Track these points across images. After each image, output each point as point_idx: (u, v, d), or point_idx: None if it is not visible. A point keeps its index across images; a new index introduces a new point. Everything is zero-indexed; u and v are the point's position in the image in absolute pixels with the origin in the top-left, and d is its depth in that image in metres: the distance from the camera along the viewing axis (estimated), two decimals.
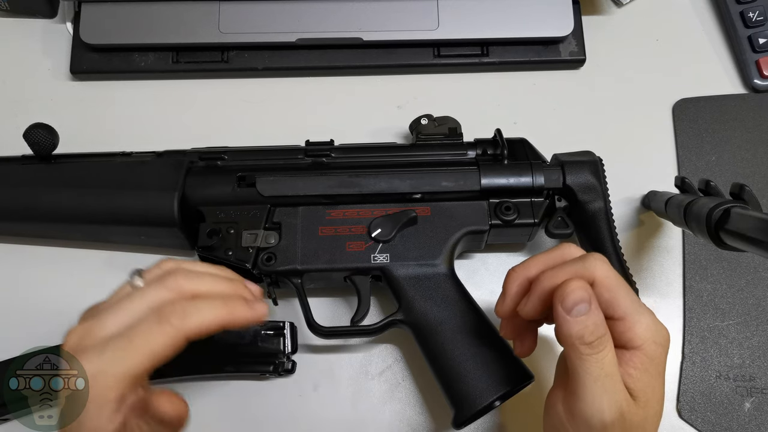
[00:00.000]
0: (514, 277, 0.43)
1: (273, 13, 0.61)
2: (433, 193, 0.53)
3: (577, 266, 0.40)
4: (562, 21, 0.62)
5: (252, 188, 0.53)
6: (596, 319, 0.38)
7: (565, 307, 0.38)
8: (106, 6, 0.61)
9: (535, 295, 0.41)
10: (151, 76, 0.63)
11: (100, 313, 0.37)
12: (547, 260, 0.42)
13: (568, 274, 0.39)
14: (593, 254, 0.40)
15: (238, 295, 0.40)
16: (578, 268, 0.40)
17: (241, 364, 0.52)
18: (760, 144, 0.61)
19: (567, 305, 0.38)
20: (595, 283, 0.39)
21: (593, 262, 0.40)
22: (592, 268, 0.39)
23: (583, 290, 0.38)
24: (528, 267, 0.42)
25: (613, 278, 0.40)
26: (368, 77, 0.64)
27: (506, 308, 0.43)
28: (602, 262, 0.40)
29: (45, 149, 0.53)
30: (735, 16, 0.63)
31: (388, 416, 0.54)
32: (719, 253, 0.56)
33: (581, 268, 0.40)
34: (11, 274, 0.58)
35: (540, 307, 0.41)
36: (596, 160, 0.54)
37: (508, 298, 0.43)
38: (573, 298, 0.38)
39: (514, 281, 0.43)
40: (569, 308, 0.38)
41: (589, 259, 0.40)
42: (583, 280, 0.39)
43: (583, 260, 0.40)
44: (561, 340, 0.39)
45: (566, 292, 0.38)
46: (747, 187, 0.43)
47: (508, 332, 0.45)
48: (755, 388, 0.54)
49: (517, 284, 0.42)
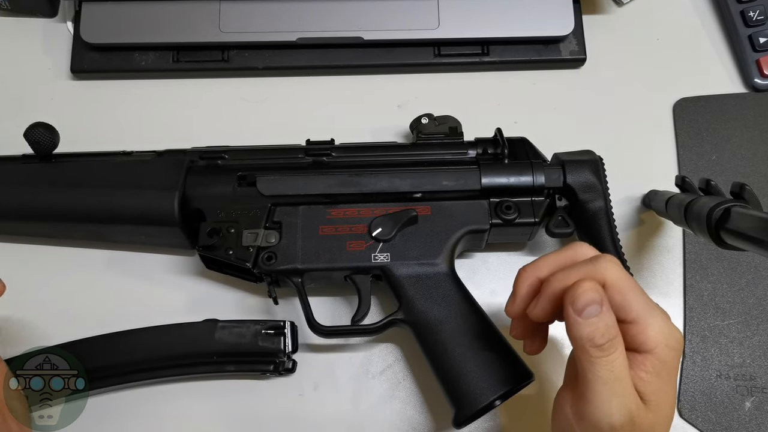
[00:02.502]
0: (524, 277, 0.42)
1: (273, 12, 0.61)
2: (434, 192, 0.53)
3: (588, 268, 0.39)
4: (563, 20, 0.62)
5: (252, 187, 0.53)
6: (607, 321, 0.38)
7: (576, 308, 0.38)
8: (106, 5, 0.61)
9: (545, 297, 0.40)
10: (152, 75, 0.63)
11: None
12: (558, 260, 0.42)
13: (578, 276, 0.39)
14: (605, 255, 0.40)
15: None
16: (589, 270, 0.39)
17: (241, 363, 0.52)
18: (761, 143, 0.61)
19: (578, 307, 0.37)
20: (607, 285, 0.39)
21: (605, 264, 0.39)
22: (603, 270, 0.39)
23: (594, 292, 0.38)
24: (539, 267, 0.42)
25: (625, 280, 0.39)
26: (369, 76, 0.64)
27: (516, 309, 0.43)
28: (614, 263, 0.39)
29: (45, 148, 0.53)
30: (735, 15, 0.63)
31: (388, 415, 0.54)
32: (720, 252, 0.56)
33: (592, 270, 0.39)
34: (11, 273, 0.57)
35: (550, 309, 0.40)
36: (597, 159, 0.54)
37: (518, 299, 0.42)
38: (584, 300, 0.37)
39: (525, 281, 0.42)
40: (580, 310, 0.37)
41: (601, 260, 0.39)
42: (595, 281, 0.38)
43: (595, 262, 0.39)
44: (571, 341, 0.39)
45: (577, 294, 0.38)
46: (747, 186, 0.43)
47: (519, 332, 0.44)
48: (756, 388, 0.54)
49: (527, 284, 0.42)
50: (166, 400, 0.54)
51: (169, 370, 0.52)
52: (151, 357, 0.51)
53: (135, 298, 0.56)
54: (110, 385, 0.52)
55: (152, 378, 0.52)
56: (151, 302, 0.56)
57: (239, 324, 0.52)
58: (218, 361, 0.52)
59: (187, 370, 0.52)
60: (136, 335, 0.52)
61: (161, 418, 0.53)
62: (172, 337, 0.52)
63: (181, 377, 0.53)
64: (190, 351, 0.52)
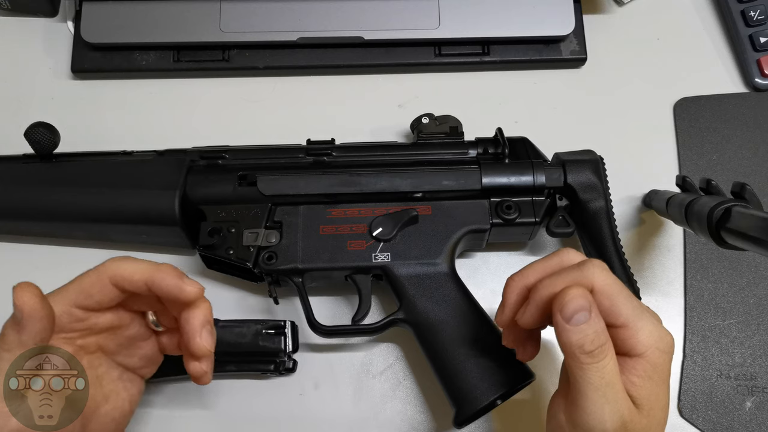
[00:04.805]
0: (512, 287, 0.42)
1: (274, 12, 0.61)
2: (434, 191, 0.53)
3: (575, 274, 0.39)
4: (563, 20, 0.62)
5: (253, 187, 0.53)
6: (596, 327, 0.37)
7: (565, 315, 0.37)
8: (107, 5, 0.61)
9: (533, 304, 0.40)
10: (152, 75, 0.63)
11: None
12: (546, 267, 0.41)
13: (566, 282, 0.39)
14: (592, 260, 0.40)
15: (171, 266, 0.42)
16: (576, 276, 0.39)
17: (242, 363, 0.53)
18: (761, 143, 0.61)
19: (566, 314, 0.37)
20: (595, 290, 0.38)
21: (592, 270, 0.39)
22: (591, 276, 0.38)
23: (582, 298, 0.37)
24: (526, 275, 0.42)
25: (613, 285, 0.39)
26: (369, 76, 0.64)
27: (506, 318, 0.43)
28: (601, 269, 0.39)
29: (46, 148, 0.53)
30: (736, 15, 0.63)
31: (389, 415, 0.54)
32: (720, 252, 0.56)
33: (580, 276, 0.39)
34: (12, 273, 0.57)
35: (539, 316, 0.40)
36: (597, 158, 0.54)
37: (507, 308, 0.42)
38: (572, 307, 0.37)
39: (513, 290, 0.42)
40: (568, 317, 0.37)
41: (588, 265, 0.39)
42: (582, 287, 0.38)
43: (582, 267, 0.39)
44: (561, 348, 0.38)
45: (565, 301, 0.37)
46: (748, 186, 0.43)
47: (510, 341, 0.44)
48: (756, 387, 0.54)
49: (515, 294, 0.42)
50: (166, 399, 0.54)
51: (169, 369, 0.52)
52: None
53: None
54: None
55: (152, 378, 0.52)
56: None
57: (240, 324, 0.53)
58: (219, 360, 0.52)
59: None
60: None
61: (161, 418, 0.53)
62: None
63: (181, 377, 0.53)
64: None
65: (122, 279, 0.41)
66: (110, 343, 0.44)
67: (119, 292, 0.41)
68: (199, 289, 0.41)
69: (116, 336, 0.44)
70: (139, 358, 0.46)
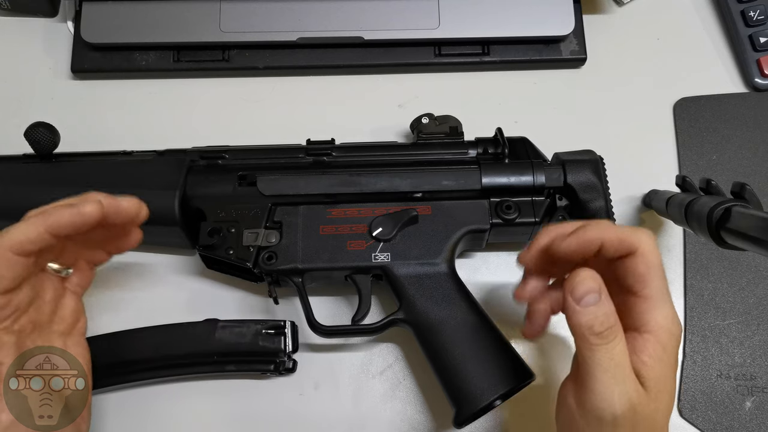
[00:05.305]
0: (550, 230, 0.43)
1: (274, 12, 0.61)
2: (434, 192, 0.53)
3: (626, 230, 0.40)
4: (563, 20, 0.62)
5: (253, 187, 0.53)
6: (606, 309, 0.38)
7: (575, 296, 0.38)
8: (107, 5, 0.61)
9: (576, 237, 0.40)
10: (152, 75, 0.63)
11: None
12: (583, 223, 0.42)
13: (615, 233, 0.39)
14: (644, 229, 0.40)
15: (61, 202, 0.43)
16: (627, 232, 0.39)
17: (242, 363, 0.52)
18: (761, 143, 0.61)
19: (576, 295, 0.38)
20: (638, 252, 0.39)
21: (641, 234, 0.40)
22: (638, 239, 0.39)
23: (592, 280, 0.38)
24: (564, 225, 0.43)
25: (656, 256, 0.40)
26: (369, 76, 0.64)
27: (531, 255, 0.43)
28: (652, 238, 0.40)
29: (46, 148, 0.53)
30: (736, 15, 0.64)
31: (389, 415, 0.54)
32: (720, 251, 0.56)
33: (630, 233, 0.39)
34: None
35: (576, 248, 0.40)
36: (597, 158, 0.54)
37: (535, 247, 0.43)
38: (583, 288, 0.38)
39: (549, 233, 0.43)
40: (579, 298, 0.38)
41: (640, 230, 0.40)
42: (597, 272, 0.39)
43: (634, 228, 0.40)
44: (571, 330, 0.39)
45: (576, 282, 0.38)
46: (748, 186, 0.43)
47: (525, 291, 0.44)
48: (756, 387, 0.54)
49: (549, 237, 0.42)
50: (166, 399, 0.54)
51: (169, 369, 0.52)
52: (151, 357, 0.51)
53: (135, 297, 0.56)
54: (110, 385, 0.52)
55: (153, 378, 0.52)
56: (151, 302, 0.56)
57: (240, 324, 0.52)
58: (219, 360, 0.52)
59: (187, 370, 0.52)
60: (137, 335, 0.52)
61: (161, 418, 0.53)
62: (173, 337, 0.52)
63: (181, 377, 0.53)
64: (190, 351, 0.52)
65: (21, 244, 0.40)
66: (41, 316, 0.44)
67: (26, 259, 0.41)
68: (96, 201, 0.42)
69: (42, 305, 0.44)
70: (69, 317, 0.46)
